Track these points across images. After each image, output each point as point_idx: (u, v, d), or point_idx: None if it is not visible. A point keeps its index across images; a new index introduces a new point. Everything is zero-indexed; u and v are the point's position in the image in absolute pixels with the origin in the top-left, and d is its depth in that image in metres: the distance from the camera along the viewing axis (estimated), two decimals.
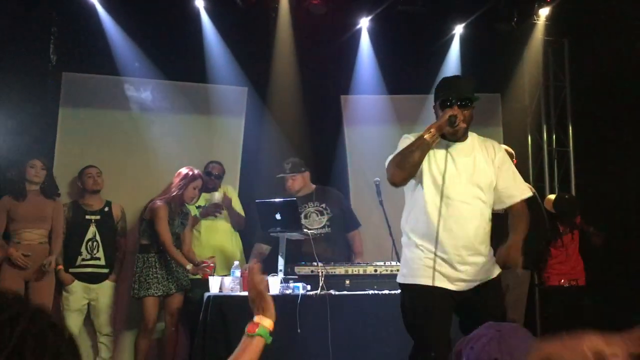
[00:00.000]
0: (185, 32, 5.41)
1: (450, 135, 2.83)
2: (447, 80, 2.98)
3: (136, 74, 5.27)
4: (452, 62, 5.98)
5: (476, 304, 2.87)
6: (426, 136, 2.74)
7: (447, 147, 2.85)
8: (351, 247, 4.89)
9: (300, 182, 4.71)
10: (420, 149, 2.74)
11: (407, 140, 2.88)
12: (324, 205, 4.71)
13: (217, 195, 4.88)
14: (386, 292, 4.06)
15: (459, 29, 5.99)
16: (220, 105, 5.54)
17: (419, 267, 2.86)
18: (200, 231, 5.00)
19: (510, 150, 4.30)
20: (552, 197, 5.43)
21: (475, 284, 2.88)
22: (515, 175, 2.99)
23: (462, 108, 2.77)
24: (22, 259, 4.27)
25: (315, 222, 4.68)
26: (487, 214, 2.91)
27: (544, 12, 5.92)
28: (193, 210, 4.92)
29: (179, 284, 4.58)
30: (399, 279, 3.01)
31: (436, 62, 5.97)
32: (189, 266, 4.41)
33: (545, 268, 5.20)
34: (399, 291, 4.04)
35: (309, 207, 4.74)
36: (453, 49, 6.01)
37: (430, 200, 2.82)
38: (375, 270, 4.20)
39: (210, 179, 5.04)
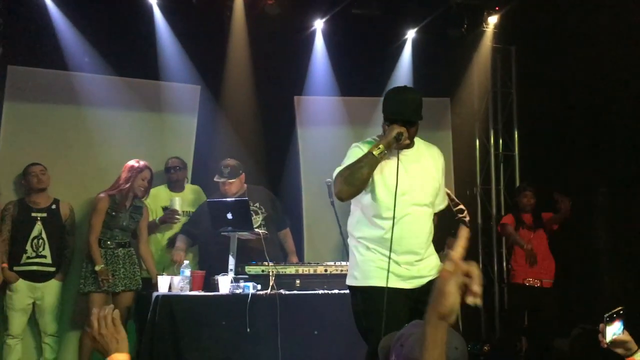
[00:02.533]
0: (138, 28, 5.33)
1: (397, 148, 2.88)
2: (394, 97, 2.93)
3: (86, 69, 5.16)
4: (404, 65, 6.10)
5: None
6: (375, 152, 2.77)
7: (397, 154, 2.88)
8: (283, 246, 4.90)
9: (237, 186, 4.69)
10: (368, 165, 2.77)
11: (356, 149, 2.91)
12: (257, 204, 4.71)
13: (177, 201, 4.83)
14: (336, 291, 4.11)
15: (411, 34, 6.11)
16: (173, 103, 5.49)
17: (371, 269, 2.89)
18: (155, 233, 4.95)
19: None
20: None
21: (429, 278, 2.92)
22: (444, 187, 3.13)
23: (408, 126, 2.82)
24: None
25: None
26: (432, 216, 3.02)
27: (492, 20, 6.11)
28: (153, 214, 4.87)
29: (127, 282, 4.51)
30: (350, 282, 3.00)
31: (389, 66, 6.07)
32: (98, 267, 4.34)
33: (512, 266, 5.45)
34: (348, 291, 4.13)
35: None
36: (405, 53, 6.12)
37: (384, 206, 2.85)
38: (326, 270, 4.25)
39: (172, 173, 5.02)
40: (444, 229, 3.41)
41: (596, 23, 5.41)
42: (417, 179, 2.91)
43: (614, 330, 2.07)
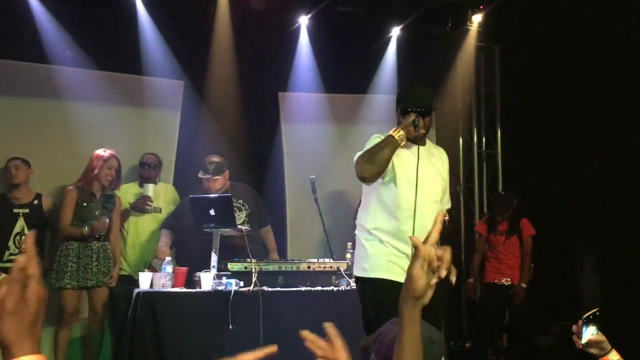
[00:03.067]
0: (120, 21, 5.27)
1: (414, 140, 3.00)
2: (408, 89, 3.15)
3: (67, 62, 5.10)
4: (389, 63, 6.10)
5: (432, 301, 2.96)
6: (395, 135, 2.89)
7: (414, 150, 3.01)
8: (265, 244, 4.89)
9: (221, 182, 4.65)
10: (389, 146, 2.87)
11: (377, 139, 3.00)
12: (240, 201, 4.68)
13: (150, 188, 4.79)
14: (319, 288, 4.11)
15: (395, 31, 6.11)
16: (156, 98, 5.44)
17: (382, 262, 2.96)
18: (127, 229, 4.90)
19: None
20: None
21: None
22: (447, 188, 3.22)
23: (422, 115, 2.95)
24: None
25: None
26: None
27: (477, 19, 6.13)
28: (124, 202, 4.82)
29: (101, 277, 4.42)
30: (358, 273, 3.06)
31: (373, 63, 6.07)
32: (86, 229, 4.31)
33: (485, 266, 5.53)
34: (331, 288, 4.13)
35: None
36: (389, 50, 6.13)
37: (404, 199, 2.94)
38: (309, 267, 4.24)
39: (145, 169, 4.96)
40: None
41: (580, 23, 5.46)
42: (430, 175, 3.03)
43: (590, 332, 2.09)
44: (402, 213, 2.95)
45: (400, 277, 2.90)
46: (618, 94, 5.46)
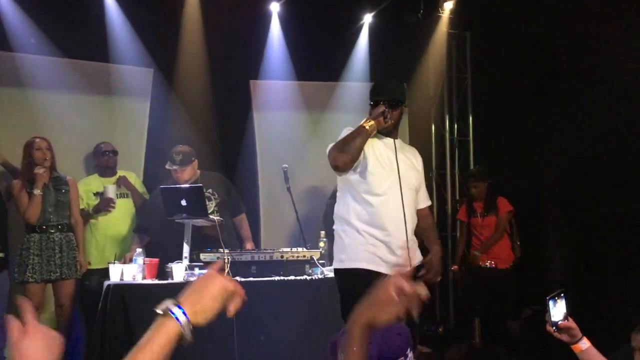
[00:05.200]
0: (86, 8, 5.15)
1: (384, 132, 3.08)
2: (379, 82, 3.27)
3: (32, 50, 4.97)
4: (361, 50, 6.08)
5: None
6: (366, 125, 2.97)
7: (387, 142, 3.10)
8: (239, 233, 4.86)
9: (189, 173, 4.58)
10: (361, 135, 2.95)
11: (348, 130, 3.07)
12: (210, 190, 4.62)
13: (110, 189, 4.70)
14: (292, 277, 4.09)
15: (368, 18, 6.09)
16: (124, 87, 5.33)
17: (359, 251, 3.01)
18: (98, 220, 4.82)
19: None
20: None
21: (407, 269, 3.01)
22: (423, 185, 3.31)
23: (391, 108, 3.04)
24: None
25: None
26: (415, 202, 3.19)
27: (448, 6, 6.15)
28: (84, 203, 4.73)
29: (65, 270, 4.32)
30: (336, 265, 3.12)
31: (345, 50, 6.05)
32: (37, 191, 4.20)
33: (470, 251, 5.56)
34: (304, 277, 4.12)
35: None
36: (362, 37, 6.10)
37: (377, 184, 3.01)
38: (282, 257, 4.22)
39: (106, 157, 4.87)
40: None
41: (549, 9, 5.50)
42: (403, 164, 3.10)
43: (558, 312, 2.10)
44: (376, 198, 3.00)
45: (377, 266, 2.98)
46: (588, 78, 5.53)
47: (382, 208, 3.00)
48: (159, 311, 1.16)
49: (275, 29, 5.85)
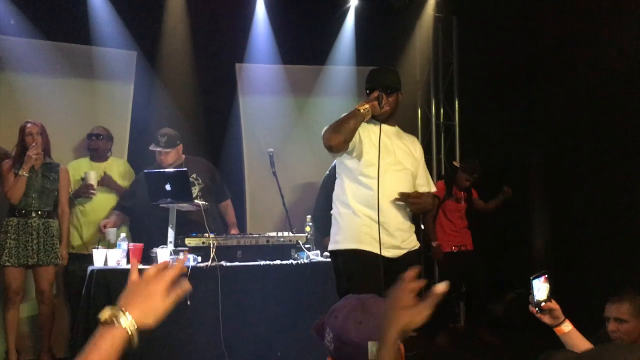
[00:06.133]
0: None
1: (381, 118, 3.11)
2: (375, 70, 3.29)
3: (11, 32, 4.86)
4: (347, 34, 6.03)
5: (402, 272, 2.96)
6: (360, 108, 2.99)
7: (384, 128, 3.11)
8: (224, 219, 4.83)
9: (174, 156, 4.55)
10: (355, 118, 2.97)
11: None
12: (194, 175, 4.58)
13: (92, 175, 4.65)
14: (278, 262, 4.08)
15: (354, 2, 6.04)
16: (107, 70, 5.23)
17: (355, 233, 3.04)
18: (83, 206, 4.76)
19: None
20: None
21: (404, 252, 3.10)
22: (427, 171, 3.37)
23: (386, 94, 3.09)
24: None
25: None
26: (412, 183, 3.21)
27: None
28: (74, 185, 4.67)
29: (42, 256, 4.27)
30: (331, 247, 3.15)
31: (331, 34, 5.99)
32: (22, 172, 4.18)
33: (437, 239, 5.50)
34: (290, 261, 4.12)
35: None
36: (348, 21, 6.05)
37: (374, 170, 3.02)
38: (268, 241, 4.21)
39: (92, 140, 4.81)
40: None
41: None
42: (399, 149, 3.15)
43: (541, 292, 2.11)
44: (372, 181, 3.03)
45: (371, 247, 3.01)
46: (573, 63, 5.54)
47: (378, 190, 3.02)
48: (102, 319, 1.13)
49: (260, 12, 5.78)
